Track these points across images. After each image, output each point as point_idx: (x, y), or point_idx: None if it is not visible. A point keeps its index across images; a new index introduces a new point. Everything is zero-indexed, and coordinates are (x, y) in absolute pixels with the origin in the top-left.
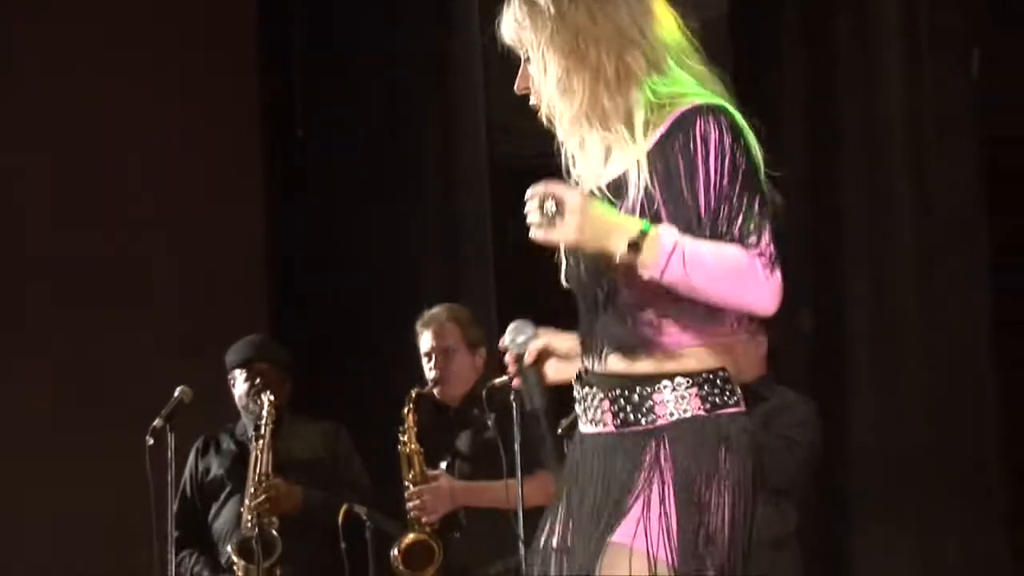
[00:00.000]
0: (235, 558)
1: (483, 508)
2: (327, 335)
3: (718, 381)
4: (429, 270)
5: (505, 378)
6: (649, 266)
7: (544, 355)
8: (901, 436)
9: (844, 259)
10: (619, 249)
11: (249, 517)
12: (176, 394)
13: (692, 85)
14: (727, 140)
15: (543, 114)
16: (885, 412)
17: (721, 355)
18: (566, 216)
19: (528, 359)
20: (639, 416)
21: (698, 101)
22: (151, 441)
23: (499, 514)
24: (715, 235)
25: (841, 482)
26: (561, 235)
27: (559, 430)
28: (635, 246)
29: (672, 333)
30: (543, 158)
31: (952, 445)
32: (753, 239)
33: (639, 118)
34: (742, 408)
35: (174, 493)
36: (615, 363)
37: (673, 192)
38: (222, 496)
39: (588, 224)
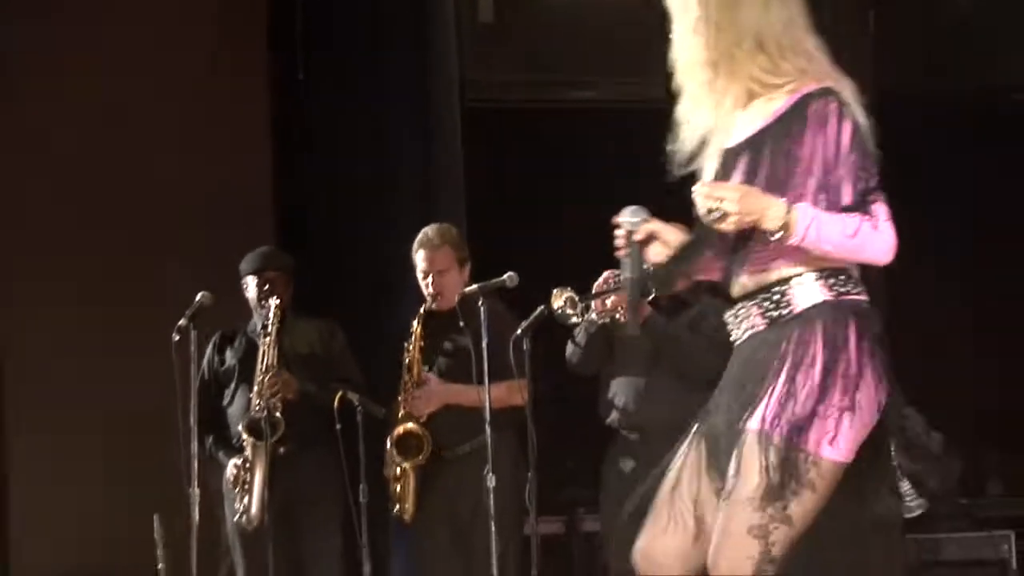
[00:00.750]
0: (245, 436)
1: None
2: (325, 243)
3: (841, 276)
4: (407, 187)
5: (475, 287)
6: (791, 237)
7: (651, 237)
8: None
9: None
10: (771, 225)
11: (257, 402)
12: (198, 298)
13: (807, 68)
14: (842, 122)
15: (675, 74)
16: None
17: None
18: (729, 207)
19: (638, 236)
20: (779, 310)
21: (812, 86)
22: (177, 338)
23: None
24: (837, 205)
25: None
26: (731, 224)
27: (519, 330)
28: (784, 224)
29: (790, 253)
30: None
31: None
32: (869, 204)
33: (743, 94)
34: (865, 297)
35: (196, 381)
36: (753, 280)
37: (792, 166)
38: (234, 384)
39: (746, 210)
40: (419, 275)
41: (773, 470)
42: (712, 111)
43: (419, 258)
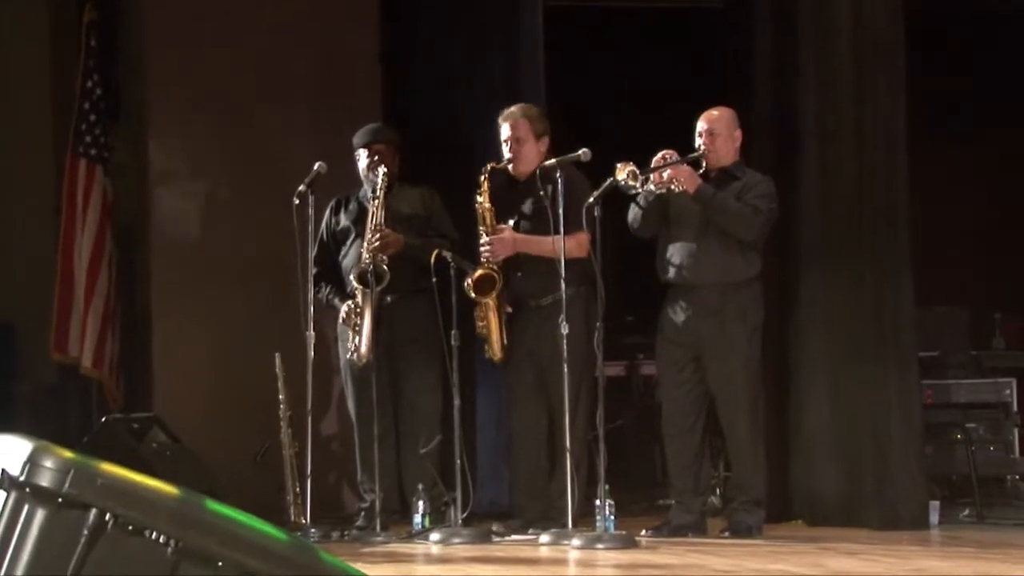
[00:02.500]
0: (356, 284)
1: (537, 255)
2: (425, 121)
3: None
4: (496, 75)
5: (554, 160)
6: None
7: None
8: (836, 201)
9: (798, 68)
10: None
11: (367, 256)
12: (315, 168)
13: None
14: None
15: None
16: (825, 187)
17: None
18: None
19: None
20: None
21: None
22: (297, 201)
23: (549, 260)
24: None
25: (792, 236)
26: None
27: (591, 199)
28: None
29: None
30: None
31: (873, 207)
32: None
33: None
34: None
35: (314, 239)
36: None
37: None
38: (348, 241)
39: None
40: (502, 144)
41: None
42: None
43: (503, 130)
